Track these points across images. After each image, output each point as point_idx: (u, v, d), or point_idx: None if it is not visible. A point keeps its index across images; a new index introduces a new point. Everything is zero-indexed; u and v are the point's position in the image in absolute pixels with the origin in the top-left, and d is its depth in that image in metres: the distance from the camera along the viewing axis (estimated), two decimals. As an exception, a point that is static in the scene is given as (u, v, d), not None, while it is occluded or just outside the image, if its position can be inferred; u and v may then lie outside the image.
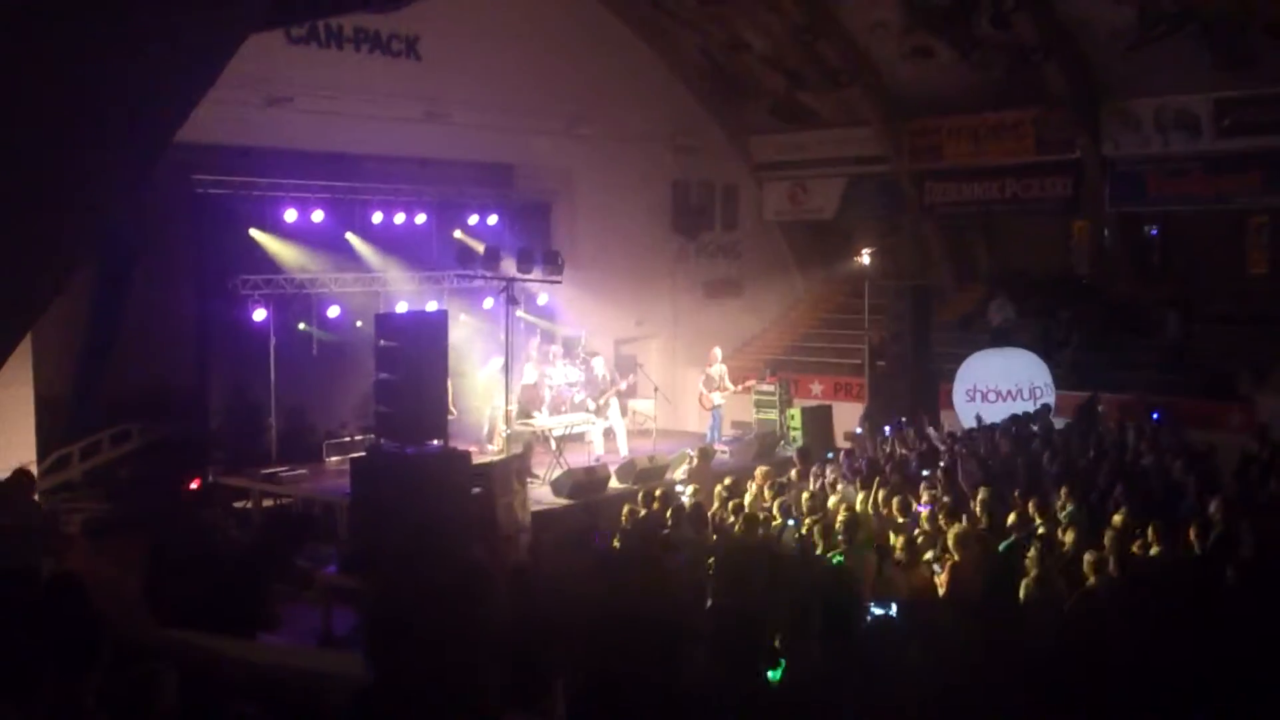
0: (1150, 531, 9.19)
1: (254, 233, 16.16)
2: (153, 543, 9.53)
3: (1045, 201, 21.81)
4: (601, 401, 17.17)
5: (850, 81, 21.82)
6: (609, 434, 17.45)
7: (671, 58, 23.09)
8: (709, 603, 8.31)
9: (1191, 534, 9.24)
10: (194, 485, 15.18)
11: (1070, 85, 19.96)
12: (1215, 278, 21.56)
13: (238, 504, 15.40)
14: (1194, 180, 19.94)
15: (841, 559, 8.99)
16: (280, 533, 10.59)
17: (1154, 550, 8.99)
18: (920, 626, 7.46)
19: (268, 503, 15.33)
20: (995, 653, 6.74)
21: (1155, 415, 16.09)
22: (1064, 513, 10.36)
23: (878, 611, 7.57)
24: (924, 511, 10.84)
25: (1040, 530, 9.72)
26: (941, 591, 8.76)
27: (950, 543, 9.07)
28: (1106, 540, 8.92)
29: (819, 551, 9.47)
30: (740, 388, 19.12)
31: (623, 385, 17.80)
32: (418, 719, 5.46)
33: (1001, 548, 9.34)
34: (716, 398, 18.56)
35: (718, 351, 19.09)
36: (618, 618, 7.46)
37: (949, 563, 8.91)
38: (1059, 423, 16.25)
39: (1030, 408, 16.75)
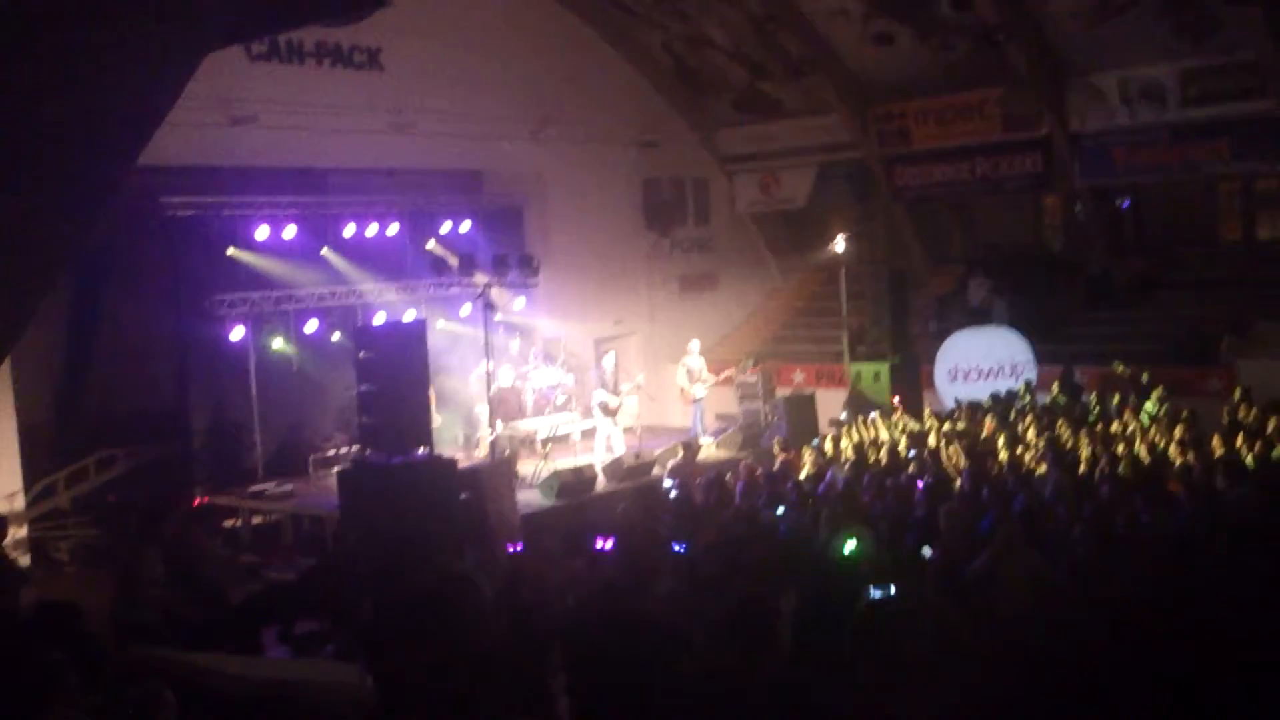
0: (1137, 500, 9.26)
1: (232, 251, 16.09)
2: (120, 566, 9.49)
3: (1015, 179, 21.88)
4: (618, 402, 16.87)
5: (813, 70, 21.87)
6: (630, 431, 17.32)
7: (635, 56, 23.09)
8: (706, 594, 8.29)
9: (1179, 495, 9.32)
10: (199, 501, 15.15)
11: (1033, 63, 20.04)
12: (1189, 245, 21.71)
13: (227, 522, 15.35)
14: (1162, 150, 20.01)
15: (855, 543, 8.96)
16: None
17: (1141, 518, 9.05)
18: (913, 605, 7.47)
19: (257, 520, 15.27)
20: (981, 628, 6.75)
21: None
22: (1048, 484, 10.43)
23: (877, 594, 7.55)
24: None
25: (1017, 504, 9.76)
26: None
27: (942, 522, 9.11)
28: (1089, 510, 8.98)
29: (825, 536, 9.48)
30: (720, 378, 19.13)
31: (640, 379, 17.63)
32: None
33: (983, 526, 9.38)
34: (698, 390, 18.58)
35: (695, 343, 19.10)
36: (614, 619, 7.46)
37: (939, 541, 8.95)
38: (1042, 398, 16.36)
39: (1012, 385, 16.86)
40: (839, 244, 19.84)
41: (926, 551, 8.93)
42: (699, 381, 18.60)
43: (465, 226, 19.04)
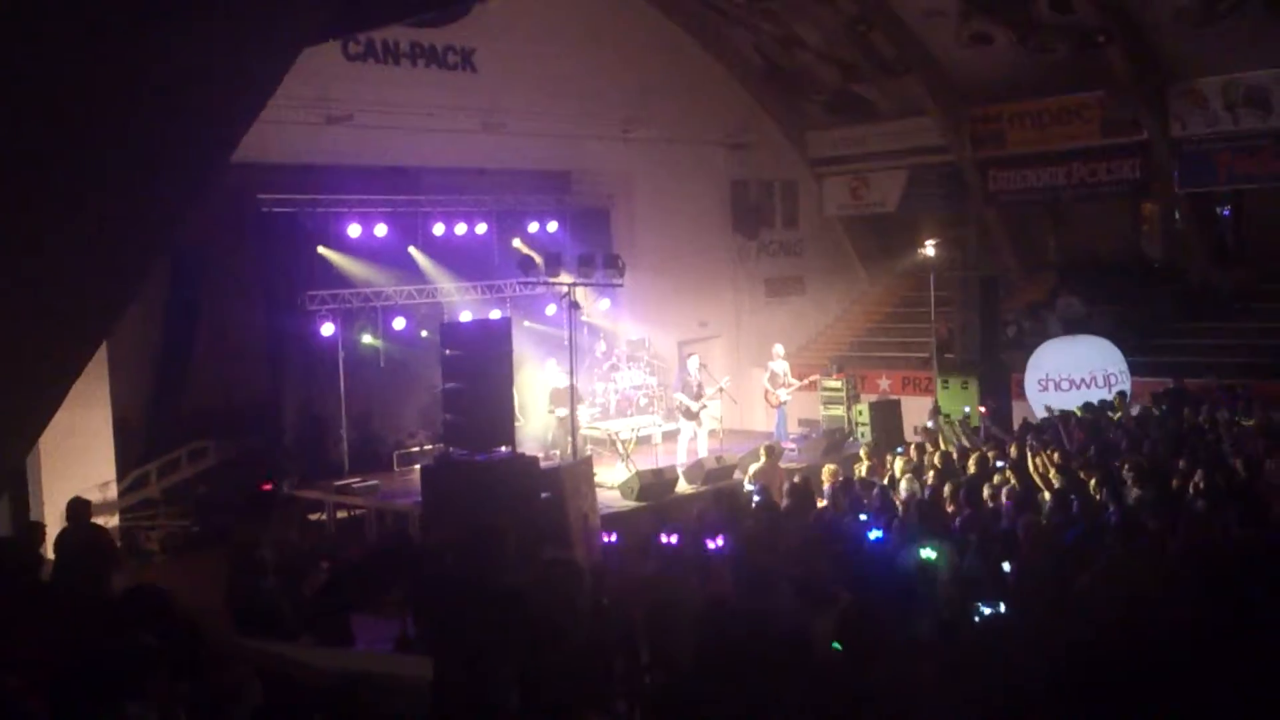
0: (1231, 515, 9.00)
1: (322, 250, 16.35)
2: (231, 554, 9.68)
3: (1113, 185, 21.42)
4: (701, 404, 16.67)
5: (906, 71, 21.60)
6: (713, 434, 17.14)
7: (725, 57, 23.03)
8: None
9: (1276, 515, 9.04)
10: (266, 487, 15.27)
11: (1134, 66, 19.58)
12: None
13: (313, 516, 15.60)
14: (1266, 157, 19.44)
15: (933, 554, 8.82)
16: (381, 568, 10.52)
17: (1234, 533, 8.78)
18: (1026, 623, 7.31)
19: (342, 514, 15.49)
20: (1064, 643, 6.59)
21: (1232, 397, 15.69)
22: (1132, 495, 10.19)
23: (987, 611, 7.35)
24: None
25: (1116, 518, 9.52)
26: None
27: (1021, 535, 8.94)
28: (1183, 526, 8.75)
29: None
30: (805, 383, 18.96)
31: (725, 382, 17.47)
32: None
33: (1070, 538, 9.16)
34: (782, 394, 18.43)
35: (779, 348, 18.96)
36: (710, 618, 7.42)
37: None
38: (1135, 409, 15.95)
39: (1105, 395, 16.46)
40: (929, 249, 19.54)
41: (1006, 566, 8.72)
42: (783, 386, 18.46)
43: (552, 226, 19.14)
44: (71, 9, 4.07)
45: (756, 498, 12.26)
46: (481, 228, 18.27)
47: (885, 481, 12.56)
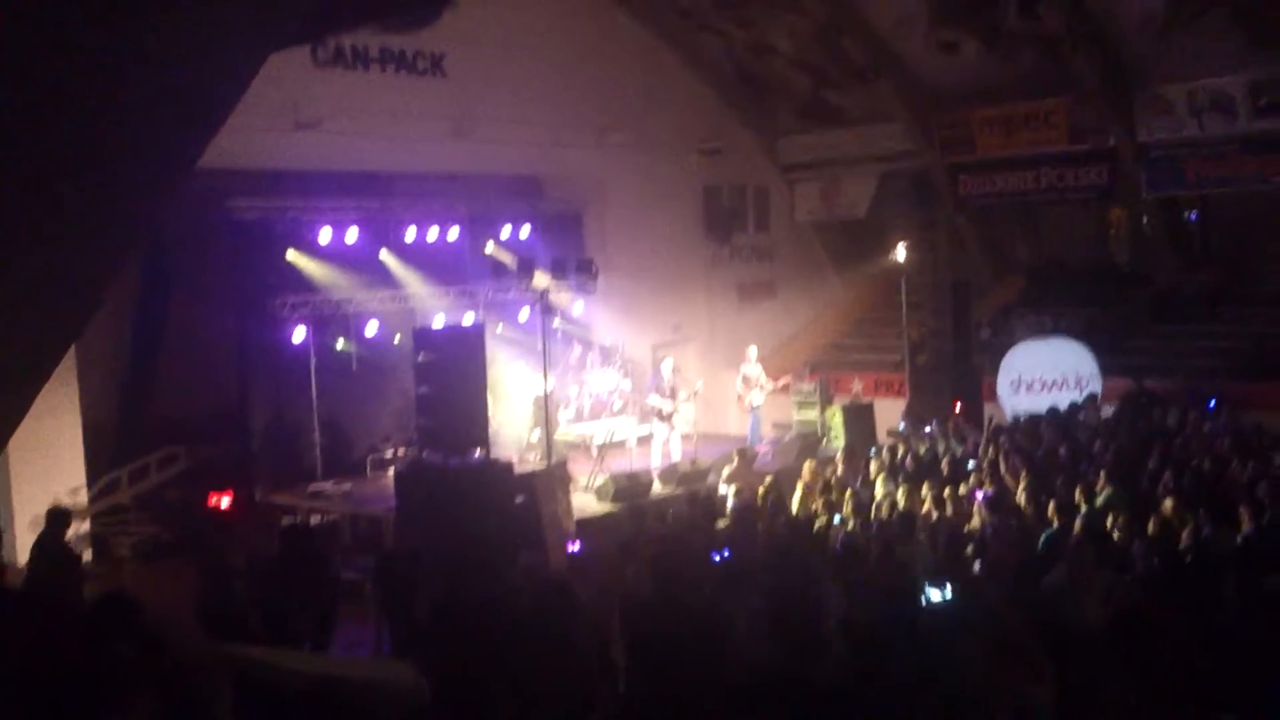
0: (1200, 515, 9.10)
1: (291, 255, 16.26)
2: (204, 563, 9.64)
3: (1080, 190, 21.58)
4: (674, 407, 16.76)
5: (877, 77, 21.72)
6: (687, 439, 17.17)
7: (698, 64, 23.08)
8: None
9: (1242, 516, 9.14)
10: (224, 503, 14.97)
11: (1101, 73, 19.76)
12: (1258, 259, 21.29)
13: (285, 520, 15.48)
14: (1232, 162, 19.65)
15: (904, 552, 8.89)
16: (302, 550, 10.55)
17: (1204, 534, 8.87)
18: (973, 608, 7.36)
19: (315, 519, 15.38)
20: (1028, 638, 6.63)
21: (1210, 404, 15.85)
22: (1101, 495, 10.28)
23: (935, 596, 7.44)
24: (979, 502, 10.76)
25: (1083, 518, 9.61)
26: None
27: (988, 537, 9.03)
28: (1151, 526, 8.84)
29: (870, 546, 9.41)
30: (778, 385, 19.02)
31: (699, 386, 17.49)
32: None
33: (1042, 540, 9.23)
34: (755, 398, 18.48)
35: (753, 351, 19.01)
36: (669, 615, 7.45)
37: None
38: (1106, 411, 16.10)
39: (1076, 397, 16.62)
40: (900, 253, 19.66)
41: (976, 567, 8.82)
42: (756, 389, 18.52)
43: (525, 232, 19.12)
44: (40, 9, 4.06)
45: (731, 500, 12.31)
46: (454, 233, 18.23)
47: (860, 483, 12.62)
